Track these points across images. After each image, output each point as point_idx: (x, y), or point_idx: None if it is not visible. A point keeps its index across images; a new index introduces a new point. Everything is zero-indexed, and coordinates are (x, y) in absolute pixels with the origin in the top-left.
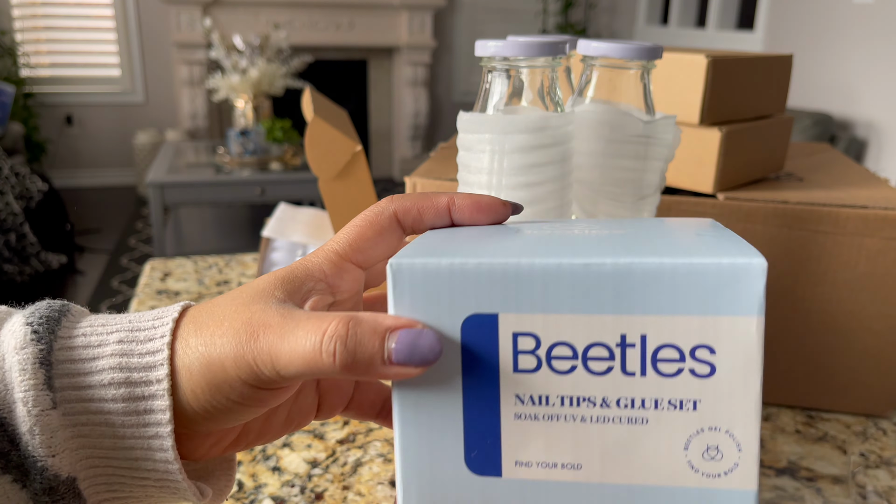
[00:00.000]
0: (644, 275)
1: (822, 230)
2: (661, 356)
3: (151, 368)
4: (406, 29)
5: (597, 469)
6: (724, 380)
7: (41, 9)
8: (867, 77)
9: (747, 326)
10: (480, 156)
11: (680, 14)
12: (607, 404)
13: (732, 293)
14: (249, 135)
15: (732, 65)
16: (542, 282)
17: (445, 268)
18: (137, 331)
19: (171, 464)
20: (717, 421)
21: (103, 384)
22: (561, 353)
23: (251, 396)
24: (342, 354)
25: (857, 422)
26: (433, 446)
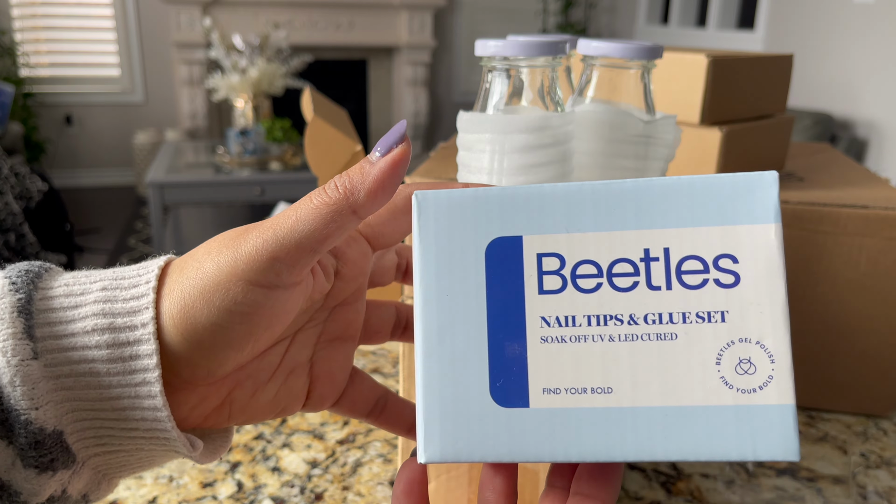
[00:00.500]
0: (663, 189)
1: (823, 230)
2: (685, 268)
3: (136, 313)
4: (406, 29)
5: (628, 392)
6: (750, 288)
7: (41, 8)
8: (868, 77)
9: (766, 233)
10: (480, 156)
11: (680, 14)
12: (635, 321)
13: (749, 202)
14: (249, 134)
15: (733, 64)
16: (564, 202)
17: (469, 194)
18: (121, 279)
19: (160, 410)
20: (746, 332)
21: (86, 331)
22: (586, 271)
23: (246, 299)
24: (342, 182)
25: (858, 422)
26: (457, 378)
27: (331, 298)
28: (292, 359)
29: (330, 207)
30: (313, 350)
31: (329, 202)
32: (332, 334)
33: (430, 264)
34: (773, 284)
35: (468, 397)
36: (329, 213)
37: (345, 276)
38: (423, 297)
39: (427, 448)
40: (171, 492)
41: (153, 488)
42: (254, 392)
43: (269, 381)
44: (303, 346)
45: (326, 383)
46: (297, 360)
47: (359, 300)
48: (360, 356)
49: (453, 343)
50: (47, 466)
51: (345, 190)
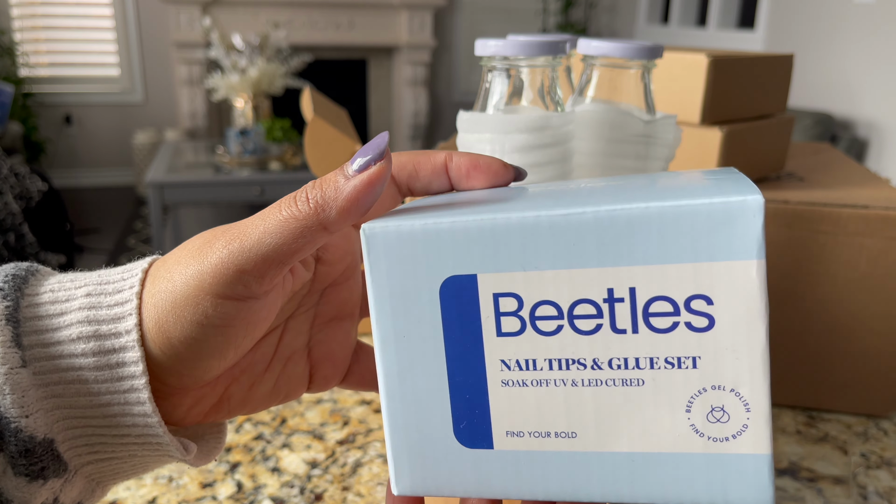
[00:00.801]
0: (628, 222)
1: (823, 230)
2: (653, 310)
3: (120, 319)
4: (406, 28)
5: (593, 437)
6: (725, 332)
7: (40, 8)
8: (868, 77)
9: (746, 271)
10: None
11: (681, 13)
12: (599, 366)
13: (727, 235)
14: (249, 134)
15: (733, 64)
16: (519, 236)
17: (419, 229)
18: (106, 284)
19: (150, 416)
20: (720, 379)
21: (72, 339)
22: (545, 312)
23: (217, 312)
24: (313, 196)
25: (858, 422)
26: (421, 419)
27: (318, 282)
28: (288, 347)
29: (299, 222)
30: (309, 335)
31: (298, 216)
32: (327, 316)
33: (384, 304)
34: (752, 329)
35: (433, 437)
36: (297, 227)
37: (328, 261)
38: (380, 339)
39: (398, 482)
40: (171, 492)
41: (153, 488)
42: (251, 385)
43: (266, 371)
44: (297, 332)
45: (328, 365)
46: (293, 347)
47: (351, 278)
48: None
49: (414, 385)
50: (38, 475)
51: (315, 205)
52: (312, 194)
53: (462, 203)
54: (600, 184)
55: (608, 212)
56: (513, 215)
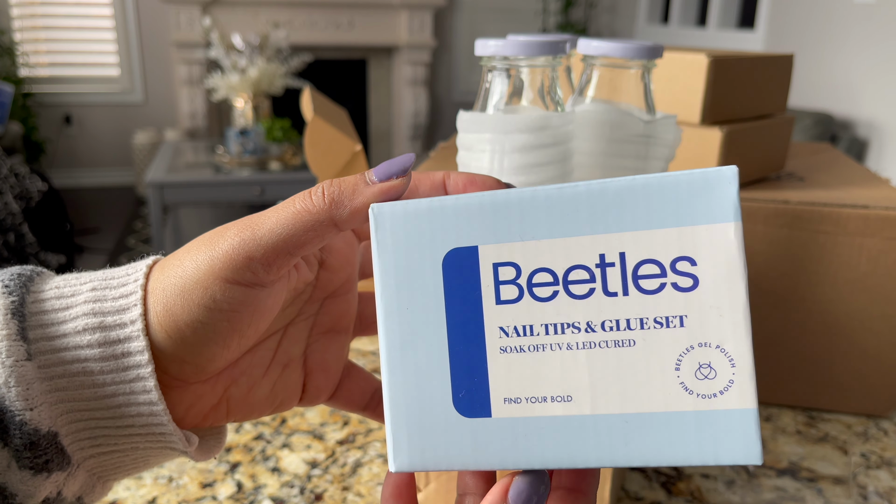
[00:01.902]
0: (617, 192)
1: (823, 230)
2: (641, 272)
3: (125, 310)
4: (406, 28)
5: (587, 400)
6: (709, 291)
7: (40, 8)
8: (868, 77)
9: (725, 233)
10: (480, 155)
11: (681, 13)
12: (592, 328)
13: (706, 201)
14: (249, 134)
15: (733, 64)
16: (518, 209)
17: (425, 206)
18: (111, 279)
19: (156, 405)
20: (706, 336)
21: (77, 331)
22: (542, 279)
23: (225, 296)
24: (330, 192)
25: (858, 422)
26: (421, 390)
27: (319, 290)
28: (286, 353)
29: (312, 215)
30: (306, 343)
31: (312, 210)
32: (324, 326)
33: (389, 278)
34: (733, 286)
35: (433, 408)
36: (310, 220)
37: (331, 266)
38: (384, 311)
39: (396, 458)
40: (171, 492)
41: (153, 488)
42: (250, 388)
43: (264, 376)
44: (295, 339)
45: (321, 376)
46: (291, 354)
47: (349, 291)
48: (360, 356)
49: (416, 356)
50: (42, 468)
51: (331, 201)
52: (329, 190)
53: None
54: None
55: (599, 184)
56: (511, 190)
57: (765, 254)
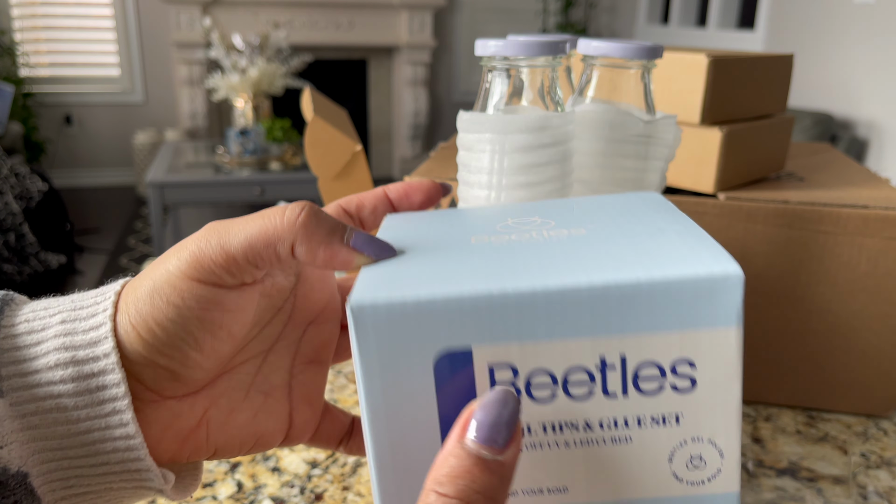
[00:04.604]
0: (621, 296)
1: (823, 230)
2: (641, 375)
3: (97, 343)
4: (406, 28)
5: (583, 489)
6: (706, 392)
7: (40, 8)
8: (868, 77)
9: (726, 338)
10: (480, 156)
11: (680, 13)
12: (590, 427)
13: (711, 306)
14: (249, 134)
15: (733, 64)
16: (516, 311)
17: (412, 304)
18: (79, 309)
19: (133, 438)
20: (699, 431)
21: (49, 367)
22: (540, 381)
23: (194, 294)
24: (307, 214)
25: (858, 422)
26: (413, 491)
27: (299, 312)
28: (266, 380)
29: (276, 236)
30: (290, 374)
31: (278, 230)
32: (307, 356)
33: (374, 380)
34: (729, 387)
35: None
36: (273, 239)
37: (308, 280)
38: (370, 414)
39: None
40: None
41: None
42: (230, 412)
43: (245, 400)
44: (276, 367)
45: (307, 409)
46: (273, 381)
47: (331, 321)
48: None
49: (407, 457)
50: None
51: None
52: (304, 217)
53: (429, 252)
54: (560, 226)
55: (602, 287)
56: (509, 289)
57: (764, 254)
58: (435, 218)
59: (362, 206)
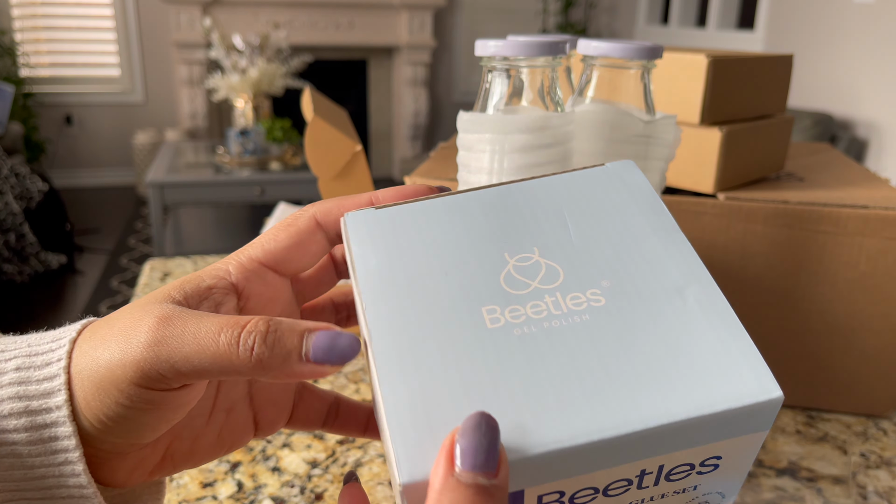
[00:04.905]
0: (672, 431)
1: (823, 230)
2: (674, 473)
3: (50, 395)
4: (406, 29)
5: None
6: (725, 470)
7: (41, 8)
8: (868, 77)
9: (757, 438)
10: (480, 156)
11: (680, 14)
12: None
13: (751, 421)
14: (249, 134)
15: (733, 65)
16: (562, 460)
17: None
18: (35, 356)
19: (86, 488)
20: (711, 488)
21: (3, 415)
22: (584, 494)
23: (141, 398)
24: (260, 349)
25: (858, 422)
26: None
27: None
28: (227, 398)
29: (232, 364)
30: (248, 384)
31: (233, 359)
32: None
33: None
34: (744, 465)
35: None
36: (227, 366)
37: (256, 311)
38: None
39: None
40: (171, 492)
41: None
42: (194, 440)
43: (207, 425)
44: (233, 385)
45: (272, 409)
46: (233, 398)
47: None
48: None
49: None
50: None
51: (257, 361)
52: (259, 350)
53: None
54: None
55: (655, 428)
56: (564, 440)
57: (764, 254)
58: (410, 240)
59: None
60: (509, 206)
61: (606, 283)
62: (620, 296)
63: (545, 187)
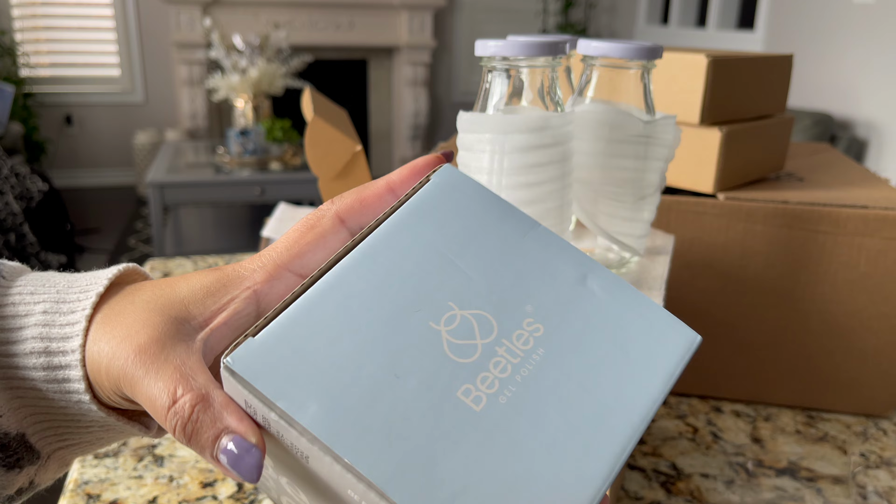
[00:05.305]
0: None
1: (823, 230)
2: None
3: (68, 339)
4: (406, 29)
5: None
6: None
7: (41, 8)
8: (867, 77)
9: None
10: (480, 156)
11: (680, 14)
12: None
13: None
14: (249, 135)
15: (733, 65)
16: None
17: None
18: (62, 302)
19: (106, 418)
20: None
21: (26, 353)
22: None
23: (125, 402)
24: (180, 434)
25: (858, 422)
26: None
27: None
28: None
29: (162, 421)
30: None
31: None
32: None
33: None
34: None
35: None
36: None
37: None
38: None
39: None
40: (171, 492)
41: (153, 488)
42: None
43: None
44: None
45: None
46: None
47: None
48: None
49: None
50: (14, 465)
51: (182, 434)
52: (178, 434)
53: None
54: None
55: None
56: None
57: (764, 254)
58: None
59: (364, 212)
60: (389, 268)
61: (530, 308)
62: (547, 314)
63: (403, 231)
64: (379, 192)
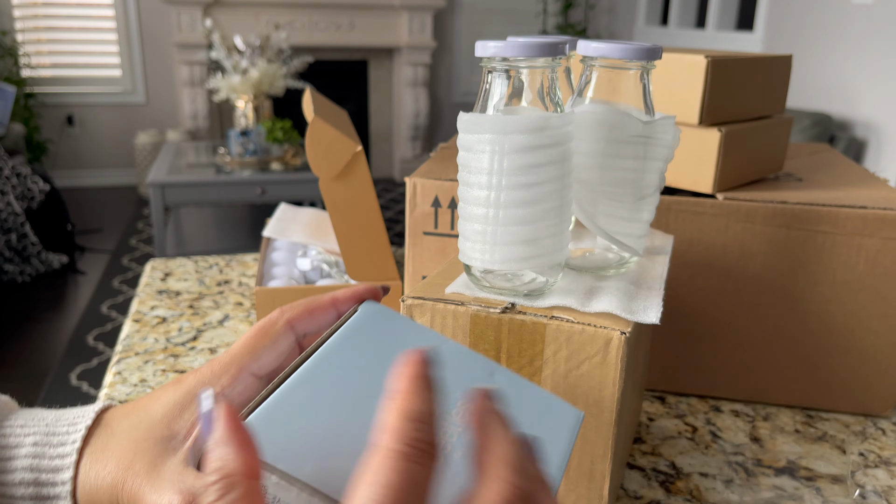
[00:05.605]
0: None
1: (822, 230)
2: None
3: (58, 471)
4: (406, 29)
5: None
6: None
7: (42, 9)
8: (866, 77)
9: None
10: (480, 156)
11: (679, 15)
12: None
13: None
14: (250, 135)
15: (732, 65)
16: None
17: None
18: (52, 435)
19: None
20: None
21: (15, 483)
22: None
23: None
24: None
25: (857, 421)
26: None
27: None
28: None
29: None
30: None
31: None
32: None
33: None
34: None
35: None
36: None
37: None
38: None
39: None
40: None
41: None
42: None
43: None
44: None
45: None
46: None
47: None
48: None
49: None
50: None
51: None
52: None
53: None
54: None
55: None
56: None
57: (763, 254)
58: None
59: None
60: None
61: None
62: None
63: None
64: (324, 305)
